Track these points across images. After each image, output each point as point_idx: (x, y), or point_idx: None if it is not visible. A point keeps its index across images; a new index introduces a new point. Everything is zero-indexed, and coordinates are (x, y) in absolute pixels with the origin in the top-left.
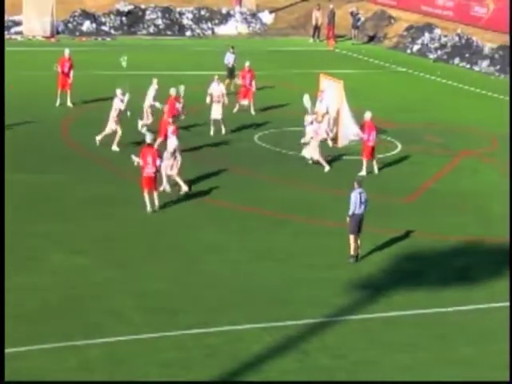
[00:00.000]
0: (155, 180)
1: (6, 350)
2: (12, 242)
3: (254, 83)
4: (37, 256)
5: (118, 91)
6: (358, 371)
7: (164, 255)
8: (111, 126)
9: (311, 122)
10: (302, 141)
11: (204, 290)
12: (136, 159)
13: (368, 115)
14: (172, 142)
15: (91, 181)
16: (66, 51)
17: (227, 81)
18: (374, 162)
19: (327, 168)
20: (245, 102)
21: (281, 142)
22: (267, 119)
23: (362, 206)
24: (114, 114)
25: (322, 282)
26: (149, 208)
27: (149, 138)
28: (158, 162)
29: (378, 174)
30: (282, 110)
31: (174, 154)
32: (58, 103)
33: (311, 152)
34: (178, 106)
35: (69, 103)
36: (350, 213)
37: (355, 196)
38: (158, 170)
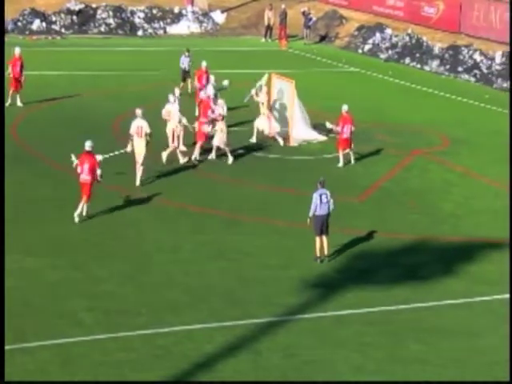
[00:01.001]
0: (89, 188)
1: None
2: None
3: (209, 85)
4: None
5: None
6: (309, 370)
7: (116, 256)
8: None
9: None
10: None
11: (156, 291)
12: (75, 160)
13: (345, 108)
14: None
15: (41, 181)
16: (17, 50)
17: (182, 84)
18: (352, 153)
19: (231, 160)
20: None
21: (232, 142)
22: None
23: (325, 207)
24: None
25: (275, 281)
26: (75, 215)
27: (87, 146)
28: (98, 172)
29: (330, 173)
30: (234, 110)
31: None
32: (8, 103)
33: (219, 140)
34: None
35: (19, 103)
36: (310, 214)
37: (315, 197)
38: (94, 179)
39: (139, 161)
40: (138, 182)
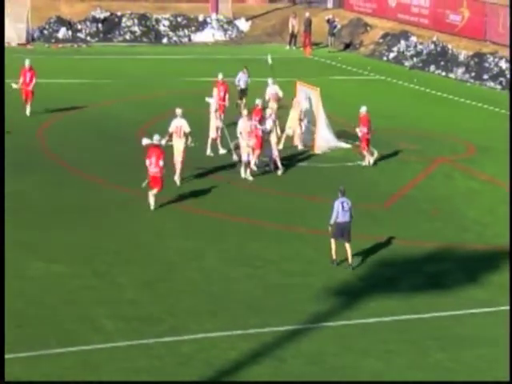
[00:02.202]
0: (160, 180)
1: None
2: None
3: (227, 97)
4: (13, 264)
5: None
6: (333, 377)
7: (139, 263)
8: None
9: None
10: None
11: (179, 298)
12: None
13: (363, 109)
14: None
15: (66, 189)
16: (27, 62)
17: (238, 102)
18: (368, 154)
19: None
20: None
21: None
22: None
23: (346, 214)
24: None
25: (298, 288)
26: (152, 206)
27: (155, 139)
28: (161, 163)
29: (354, 180)
30: None
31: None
32: (28, 113)
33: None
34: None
35: (27, 113)
36: (332, 221)
37: (337, 205)
38: (161, 171)
39: (179, 159)
40: (178, 183)
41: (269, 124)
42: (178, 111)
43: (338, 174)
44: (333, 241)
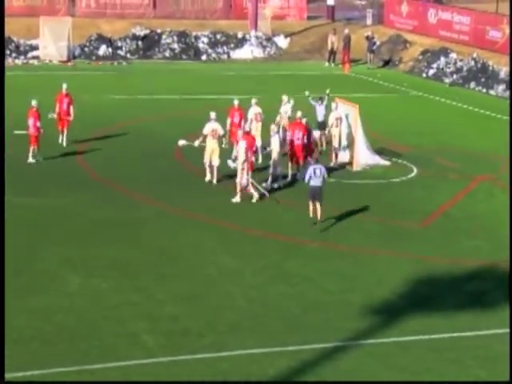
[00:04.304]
0: (251, 165)
1: (20, 373)
2: (27, 265)
3: (243, 124)
4: (52, 279)
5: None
6: None
7: (178, 279)
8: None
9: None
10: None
11: (218, 313)
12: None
13: (299, 114)
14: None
15: (105, 204)
16: (64, 86)
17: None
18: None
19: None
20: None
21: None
22: None
23: (318, 180)
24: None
25: (336, 305)
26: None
27: (246, 127)
28: (254, 149)
29: (393, 197)
30: None
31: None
32: (65, 144)
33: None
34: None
35: (64, 143)
36: (306, 181)
37: (310, 170)
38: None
39: (214, 161)
40: (214, 181)
41: (274, 143)
42: (213, 115)
43: (376, 191)
44: (310, 203)
